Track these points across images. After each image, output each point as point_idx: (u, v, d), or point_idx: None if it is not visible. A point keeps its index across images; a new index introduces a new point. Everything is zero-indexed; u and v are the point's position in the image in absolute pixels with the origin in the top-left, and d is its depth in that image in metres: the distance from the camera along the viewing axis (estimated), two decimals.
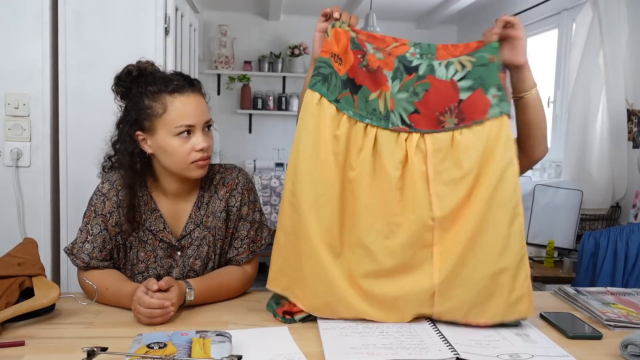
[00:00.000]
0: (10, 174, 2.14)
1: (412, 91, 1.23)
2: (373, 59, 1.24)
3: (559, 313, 1.31)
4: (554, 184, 2.89)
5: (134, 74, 1.37)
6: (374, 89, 1.24)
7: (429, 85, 1.23)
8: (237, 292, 1.42)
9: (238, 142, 5.31)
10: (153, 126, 1.34)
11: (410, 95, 1.23)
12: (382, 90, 1.24)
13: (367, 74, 1.24)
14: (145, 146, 1.37)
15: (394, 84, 1.24)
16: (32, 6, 2.11)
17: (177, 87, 1.34)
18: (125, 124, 1.38)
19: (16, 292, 1.22)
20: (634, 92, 2.83)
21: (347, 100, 1.23)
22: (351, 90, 1.23)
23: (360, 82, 1.24)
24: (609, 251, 2.20)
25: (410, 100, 1.23)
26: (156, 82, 1.35)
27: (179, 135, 1.32)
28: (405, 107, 1.23)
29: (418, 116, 1.23)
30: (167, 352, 0.99)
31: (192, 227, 1.43)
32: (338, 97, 1.23)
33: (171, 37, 2.29)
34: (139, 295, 1.20)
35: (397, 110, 1.23)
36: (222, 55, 5.08)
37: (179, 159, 1.34)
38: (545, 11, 3.72)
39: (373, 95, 1.24)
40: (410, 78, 1.23)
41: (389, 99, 1.24)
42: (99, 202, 1.40)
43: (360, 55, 1.24)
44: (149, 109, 1.33)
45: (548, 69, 3.77)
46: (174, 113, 1.32)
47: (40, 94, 2.13)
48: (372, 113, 1.23)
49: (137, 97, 1.35)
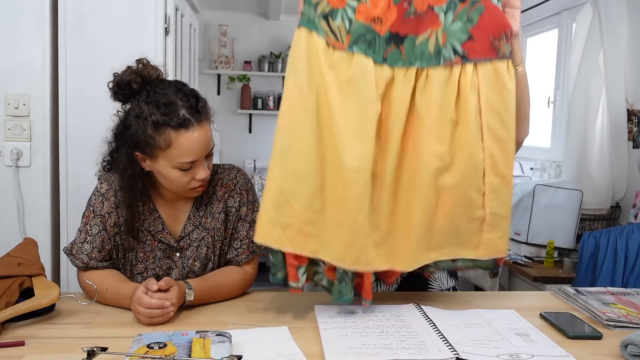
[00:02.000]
0: (10, 174, 2.14)
1: (467, 19, 1.22)
2: (422, 1, 1.23)
3: (559, 313, 1.30)
4: (554, 184, 2.89)
5: (134, 87, 1.30)
6: (422, 31, 1.24)
7: (484, 8, 1.22)
8: (237, 292, 1.42)
9: (238, 142, 5.31)
10: (154, 154, 1.30)
11: (465, 23, 1.23)
12: (432, 30, 1.23)
13: (414, 20, 1.23)
14: (144, 164, 1.35)
15: (447, 17, 1.23)
16: (32, 6, 2.10)
17: (183, 122, 1.27)
18: (124, 142, 1.33)
19: (16, 292, 1.22)
20: (634, 92, 2.82)
21: (394, 54, 1.24)
22: (396, 43, 1.24)
23: (405, 32, 1.24)
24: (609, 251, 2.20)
25: (464, 28, 1.23)
26: (159, 109, 1.27)
27: (180, 168, 1.31)
28: (458, 36, 1.23)
29: (472, 42, 1.23)
30: (167, 352, 0.99)
31: (191, 229, 1.43)
32: (384, 55, 1.23)
33: (171, 37, 2.29)
34: (139, 296, 1.20)
35: (450, 42, 1.23)
36: (222, 55, 5.08)
37: (178, 186, 1.34)
38: (545, 11, 3.72)
39: (421, 38, 1.24)
40: (465, 6, 1.23)
41: (441, 35, 1.23)
42: (97, 202, 1.40)
43: (406, 3, 1.23)
44: (151, 140, 1.27)
45: (548, 69, 3.77)
46: (178, 150, 1.27)
47: (40, 94, 2.13)
48: (422, 55, 1.23)
49: (139, 122, 1.28)
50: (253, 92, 5.21)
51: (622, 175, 2.87)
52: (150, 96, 1.29)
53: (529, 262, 2.80)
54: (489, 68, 1.23)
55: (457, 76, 1.23)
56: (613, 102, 2.84)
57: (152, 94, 1.30)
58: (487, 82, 1.23)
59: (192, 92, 1.33)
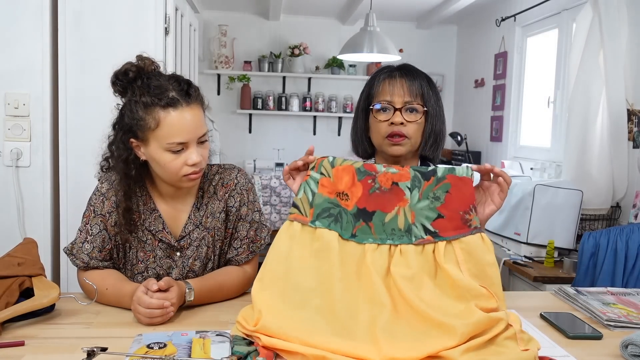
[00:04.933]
0: (10, 174, 2.14)
1: (433, 196, 1.18)
2: (385, 177, 1.20)
3: (559, 313, 1.30)
4: (554, 184, 2.89)
5: (130, 75, 1.33)
6: (390, 208, 1.19)
7: (450, 185, 1.18)
8: (237, 292, 1.42)
9: (238, 142, 5.31)
10: (146, 137, 1.31)
11: (432, 201, 1.18)
12: (400, 207, 1.19)
13: (380, 196, 1.20)
14: (139, 152, 1.35)
15: (412, 195, 1.19)
16: (32, 6, 2.10)
17: (171, 102, 1.29)
18: (119, 129, 1.36)
19: (16, 292, 1.22)
20: (634, 92, 2.82)
21: (363, 230, 1.19)
22: (364, 220, 1.19)
23: (372, 208, 1.20)
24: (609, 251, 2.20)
25: (432, 206, 1.18)
26: (150, 91, 1.29)
27: (171, 150, 1.31)
28: (427, 215, 1.18)
29: (442, 221, 1.17)
30: (167, 352, 0.99)
31: (191, 228, 1.43)
32: (353, 231, 1.19)
33: (171, 37, 2.29)
34: (139, 296, 1.20)
35: (419, 220, 1.18)
36: (222, 55, 5.08)
37: (170, 172, 1.33)
38: (545, 11, 3.72)
39: (390, 215, 1.19)
40: (430, 183, 1.19)
41: (409, 213, 1.19)
42: (98, 202, 1.40)
43: (370, 180, 1.21)
44: (142, 121, 1.30)
45: (548, 69, 3.77)
46: (166, 129, 1.28)
47: (40, 94, 2.13)
48: (392, 233, 1.18)
49: (131, 105, 1.31)
50: (253, 92, 5.21)
51: (622, 175, 2.87)
52: (144, 82, 1.32)
53: (529, 262, 2.80)
54: (464, 244, 1.16)
55: (431, 253, 1.16)
56: (613, 102, 2.84)
57: (145, 79, 1.32)
58: (465, 257, 1.15)
59: (186, 80, 1.36)
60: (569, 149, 3.07)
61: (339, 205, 1.20)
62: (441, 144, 1.53)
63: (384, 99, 1.46)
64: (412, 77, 1.47)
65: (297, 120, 5.42)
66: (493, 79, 4.53)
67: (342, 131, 5.42)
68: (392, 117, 1.45)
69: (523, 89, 4.16)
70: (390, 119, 1.45)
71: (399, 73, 1.48)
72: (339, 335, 1.06)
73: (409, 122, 1.45)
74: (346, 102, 5.34)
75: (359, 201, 1.20)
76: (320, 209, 1.20)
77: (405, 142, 1.46)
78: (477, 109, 4.88)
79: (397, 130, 1.44)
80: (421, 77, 1.49)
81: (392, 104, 1.45)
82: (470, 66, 5.10)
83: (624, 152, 2.85)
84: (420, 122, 1.46)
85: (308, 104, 5.27)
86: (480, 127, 4.75)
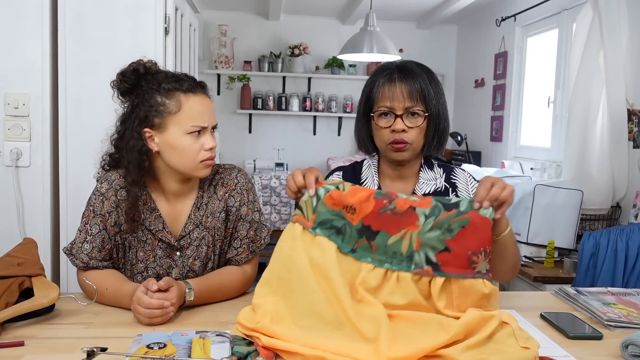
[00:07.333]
0: (10, 174, 2.13)
1: (447, 227, 1.12)
2: (404, 202, 1.18)
3: (560, 313, 1.30)
4: (554, 184, 2.89)
5: (140, 71, 1.38)
6: (396, 231, 1.17)
7: (468, 221, 1.12)
8: (236, 292, 1.42)
9: (238, 142, 5.31)
10: (164, 123, 1.34)
11: (443, 232, 1.12)
12: (407, 230, 1.16)
13: (389, 217, 1.18)
14: (152, 143, 1.37)
15: (426, 222, 1.15)
16: (32, 6, 2.10)
17: (191, 87, 1.37)
18: (131, 121, 1.37)
19: (16, 292, 1.22)
20: (634, 92, 2.82)
21: (364, 247, 1.17)
22: (367, 238, 1.18)
23: (377, 228, 1.18)
24: (609, 251, 2.20)
25: (441, 238, 1.12)
26: (169, 79, 1.37)
27: (191, 134, 1.34)
28: (434, 245, 1.13)
29: (448, 255, 1.12)
30: (167, 352, 0.99)
31: (191, 228, 1.43)
32: (354, 246, 1.18)
33: (171, 37, 2.29)
34: (139, 296, 1.20)
35: (424, 249, 1.14)
36: (222, 55, 5.08)
37: (188, 157, 1.35)
38: (545, 11, 3.72)
39: (394, 238, 1.16)
40: (449, 214, 1.14)
41: (415, 239, 1.15)
42: (97, 201, 1.40)
43: (386, 200, 1.19)
44: (162, 106, 1.34)
45: (548, 69, 3.77)
46: (188, 112, 1.35)
47: (40, 94, 2.13)
48: (393, 256, 1.16)
49: (147, 94, 1.36)
50: (253, 92, 5.21)
51: (623, 175, 2.87)
52: (155, 76, 1.38)
53: (529, 262, 2.80)
54: (463, 285, 1.11)
55: (427, 284, 1.13)
56: (613, 102, 2.83)
57: (155, 74, 1.39)
58: (460, 294, 1.12)
59: (194, 77, 1.43)
60: (569, 149, 3.07)
61: (344, 218, 1.19)
62: (444, 141, 1.52)
63: (384, 104, 1.43)
64: (412, 80, 1.43)
65: (297, 120, 5.42)
66: (493, 79, 4.53)
67: (342, 131, 5.42)
68: (394, 125, 1.42)
69: (523, 89, 4.16)
70: (392, 126, 1.42)
71: (399, 77, 1.43)
72: (339, 335, 1.07)
73: (411, 127, 1.42)
74: (346, 102, 5.34)
75: (366, 217, 1.19)
76: (322, 218, 1.20)
77: (408, 148, 1.44)
78: (477, 109, 4.88)
79: (398, 138, 1.42)
80: (421, 76, 1.44)
81: (392, 110, 1.42)
82: (470, 66, 5.10)
83: (624, 152, 2.85)
84: (423, 125, 1.44)
85: (308, 104, 5.27)
86: (481, 127, 4.75)
